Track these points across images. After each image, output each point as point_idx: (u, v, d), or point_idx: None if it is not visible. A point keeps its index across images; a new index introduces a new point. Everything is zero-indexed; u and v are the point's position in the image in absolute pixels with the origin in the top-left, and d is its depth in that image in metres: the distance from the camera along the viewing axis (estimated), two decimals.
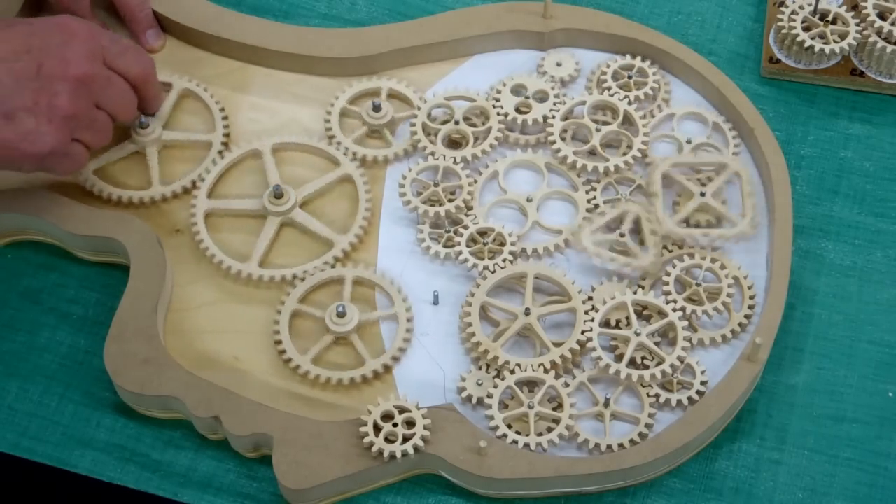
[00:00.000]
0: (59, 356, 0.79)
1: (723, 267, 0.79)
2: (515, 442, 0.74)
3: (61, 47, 0.76)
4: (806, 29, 0.88)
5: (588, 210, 0.82)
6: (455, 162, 0.83)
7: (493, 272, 0.79)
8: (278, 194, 0.82)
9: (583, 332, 0.77)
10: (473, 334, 0.77)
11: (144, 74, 0.82)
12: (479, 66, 0.89)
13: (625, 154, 0.83)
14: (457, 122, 0.85)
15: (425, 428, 0.73)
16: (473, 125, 0.86)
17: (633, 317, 0.77)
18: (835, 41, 0.87)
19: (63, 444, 0.76)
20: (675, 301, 0.78)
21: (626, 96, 0.86)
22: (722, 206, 0.81)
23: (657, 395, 0.75)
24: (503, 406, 0.75)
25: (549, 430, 0.74)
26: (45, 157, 0.76)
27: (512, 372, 0.76)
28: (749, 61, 0.90)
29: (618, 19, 0.88)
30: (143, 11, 0.89)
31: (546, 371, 0.76)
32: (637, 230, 0.80)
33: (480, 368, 0.77)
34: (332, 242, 0.81)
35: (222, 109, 0.87)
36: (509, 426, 0.75)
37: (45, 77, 0.75)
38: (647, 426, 0.75)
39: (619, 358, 0.76)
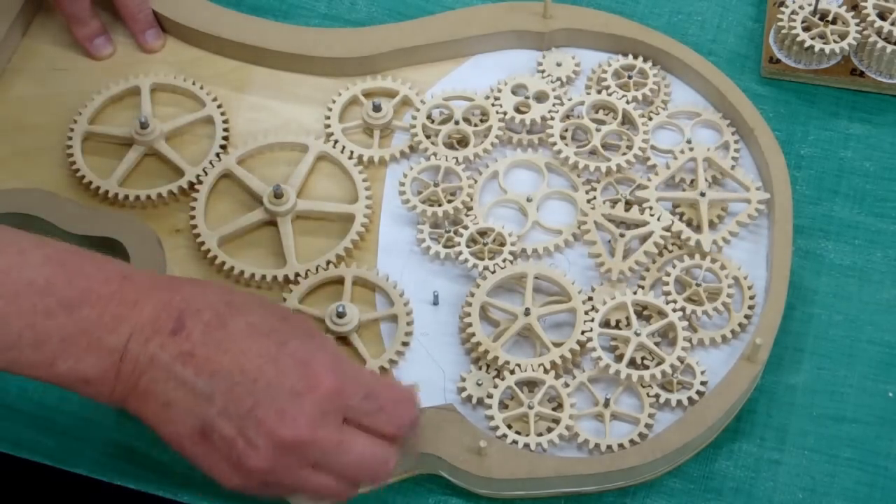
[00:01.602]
0: None
1: (723, 267, 0.79)
2: (515, 442, 0.74)
3: (288, 399, 0.63)
4: (806, 29, 0.88)
5: (589, 210, 0.82)
6: (456, 162, 0.83)
7: (493, 272, 0.79)
8: (278, 194, 0.82)
9: (583, 333, 0.77)
10: (473, 334, 0.77)
11: (399, 435, 0.68)
12: (479, 66, 0.89)
13: (625, 154, 0.83)
14: (457, 122, 0.85)
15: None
16: (473, 125, 0.86)
17: (633, 317, 0.77)
18: (835, 41, 0.87)
19: (63, 444, 0.76)
20: (675, 301, 0.78)
21: (624, 96, 0.86)
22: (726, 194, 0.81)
23: (657, 396, 0.75)
24: (503, 406, 0.75)
25: (549, 430, 0.74)
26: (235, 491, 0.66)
27: (512, 372, 0.76)
28: (749, 61, 0.90)
29: (618, 19, 0.88)
30: (143, 11, 0.89)
31: (546, 371, 0.76)
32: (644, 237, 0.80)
33: (480, 368, 0.77)
34: (332, 242, 0.81)
35: (223, 112, 0.87)
36: (509, 426, 0.75)
37: (253, 421, 0.63)
38: (647, 426, 0.75)
39: (619, 358, 0.76)
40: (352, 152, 0.85)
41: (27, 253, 0.63)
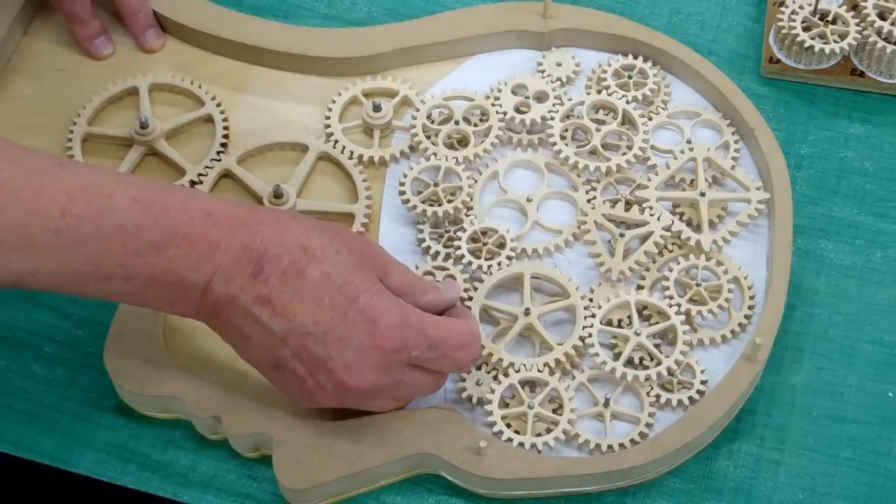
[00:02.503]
0: (60, 356, 0.79)
1: (723, 267, 0.79)
2: (515, 442, 0.74)
3: (356, 353, 0.68)
4: (806, 29, 0.88)
5: (590, 209, 0.82)
6: (456, 162, 0.83)
7: (493, 272, 0.79)
8: (278, 194, 0.82)
9: (583, 328, 0.76)
10: None
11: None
12: (479, 66, 0.89)
13: (625, 154, 0.83)
14: (457, 122, 0.85)
15: None
16: (473, 125, 0.86)
17: (635, 316, 0.77)
18: (835, 41, 0.87)
19: (63, 444, 0.76)
20: (675, 301, 0.78)
21: (624, 96, 0.86)
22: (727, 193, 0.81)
23: (657, 395, 0.75)
24: (503, 406, 0.75)
25: (549, 430, 0.74)
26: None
27: (517, 371, 0.76)
28: (749, 61, 0.90)
29: (618, 19, 0.88)
30: (143, 11, 0.89)
31: (549, 371, 0.76)
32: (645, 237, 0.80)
33: (480, 368, 0.77)
34: None
35: (223, 112, 0.86)
36: (508, 425, 0.75)
37: (324, 370, 0.69)
38: (648, 426, 0.75)
39: (617, 356, 0.76)
40: (352, 152, 0.85)
41: (115, 196, 0.66)
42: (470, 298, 0.78)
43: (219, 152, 0.85)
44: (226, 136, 0.86)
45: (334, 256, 0.69)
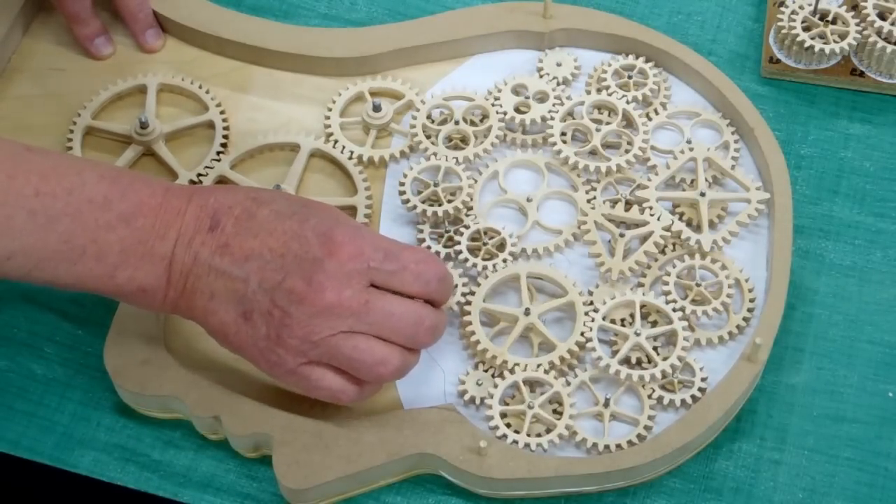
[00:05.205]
0: (60, 356, 0.79)
1: (723, 267, 0.79)
2: (515, 442, 0.74)
3: (313, 265, 0.68)
4: (806, 29, 0.88)
5: (590, 209, 0.82)
6: (456, 162, 0.83)
7: (492, 273, 0.79)
8: None
9: (585, 324, 0.76)
10: (478, 342, 0.76)
11: (427, 292, 0.71)
12: (479, 66, 0.89)
13: (625, 154, 0.83)
14: (457, 122, 0.85)
15: None
16: (474, 125, 0.86)
17: (638, 316, 0.77)
18: (835, 41, 0.87)
19: (63, 444, 0.76)
20: (675, 301, 0.77)
21: (624, 96, 0.86)
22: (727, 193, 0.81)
23: (658, 396, 0.75)
24: (504, 406, 0.75)
25: (549, 430, 0.74)
26: (277, 375, 0.71)
27: (512, 371, 0.76)
28: (749, 61, 0.90)
29: (618, 19, 0.88)
30: (143, 11, 0.89)
31: (551, 372, 0.76)
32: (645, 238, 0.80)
33: (477, 367, 0.77)
34: None
35: (225, 120, 0.86)
36: (508, 425, 0.74)
37: (284, 291, 0.68)
38: (647, 427, 0.75)
39: (614, 354, 0.76)
40: (351, 152, 0.85)
41: (84, 173, 0.69)
42: (469, 303, 0.78)
43: (213, 160, 0.84)
44: (223, 145, 0.85)
45: (283, 199, 0.72)
